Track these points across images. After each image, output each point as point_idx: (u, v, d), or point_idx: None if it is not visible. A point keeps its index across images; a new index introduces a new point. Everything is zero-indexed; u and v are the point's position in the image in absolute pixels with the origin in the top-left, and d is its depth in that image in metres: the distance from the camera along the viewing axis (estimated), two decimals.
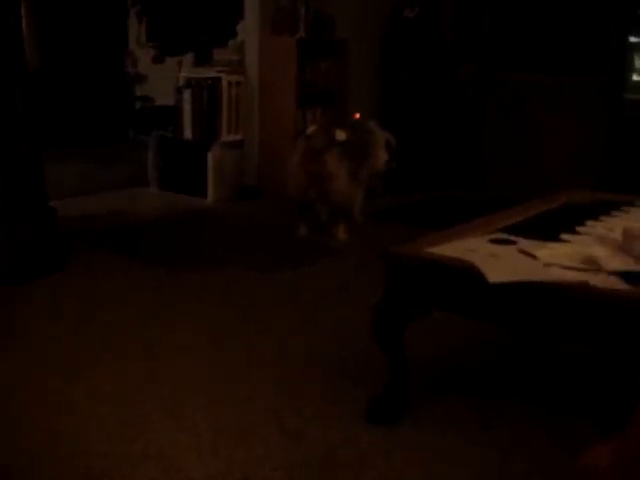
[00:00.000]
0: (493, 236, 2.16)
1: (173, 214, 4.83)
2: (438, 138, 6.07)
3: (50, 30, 8.61)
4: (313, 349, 2.66)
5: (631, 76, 5.21)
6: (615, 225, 2.35)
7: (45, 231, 3.45)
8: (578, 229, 2.28)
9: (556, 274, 1.79)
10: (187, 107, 5.19)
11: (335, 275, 3.58)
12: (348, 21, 5.48)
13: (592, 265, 1.85)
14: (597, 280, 1.75)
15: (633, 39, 5.10)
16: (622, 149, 5.16)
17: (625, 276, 1.76)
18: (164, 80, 7.10)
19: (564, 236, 2.18)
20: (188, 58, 5.64)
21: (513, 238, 2.13)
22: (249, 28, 5.15)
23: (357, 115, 5.64)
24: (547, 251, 1.99)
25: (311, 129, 4.42)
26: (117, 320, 2.91)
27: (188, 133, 5.23)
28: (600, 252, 1.99)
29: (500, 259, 1.92)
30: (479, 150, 5.74)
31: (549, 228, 2.37)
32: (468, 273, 1.81)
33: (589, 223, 2.39)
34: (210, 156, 5.11)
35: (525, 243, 2.07)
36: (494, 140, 5.63)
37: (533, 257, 1.93)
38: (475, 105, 5.80)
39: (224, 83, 5.09)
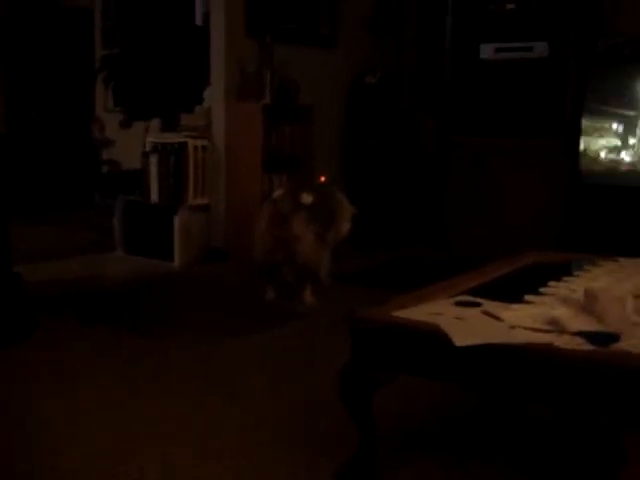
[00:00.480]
0: (458, 298, 2.18)
1: (140, 278, 4.80)
2: (402, 199, 6.16)
3: (16, 94, 8.66)
4: (281, 416, 2.63)
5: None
6: (577, 285, 2.39)
7: (9, 298, 3.41)
8: (541, 290, 2.31)
9: (521, 336, 1.81)
10: (154, 171, 5.22)
11: (303, 339, 3.57)
12: (312, 87, 5.59)
13: (556, 326, 1.88)
14: (561, 341, 1.78)
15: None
16: (581, 209, 5.26)
17: (589, 337, 1.78)
18: (131, 144, 7.14)
19: (528, 297, 2.20)
20: (155, 123, 5.69)
21: (478, 300, 2.15)
22: (215, 94, 5.23)
23: (322, 178, 5.71)
24: (511, 313, 2.01)
25: (277, 193, 4.46)
26: (83, 389, 2.86)
27: (155, 197, 5.25)
28: (563, 313, 2.02)
29: (466, 321, 1.93)
30: (442, 210, 5.82)
31: (513, 289, 2.40)
32: (434, 336, 1.82)
33: (552, 284, 2.42)
34: (177, 220, 5.12)
35: (490, 305, 2.09)
36: (457, 201, 5.72)
37: (498, 319, 1.95)
38: (437, 167, 5.90)
39: (190, 148, 5.14)
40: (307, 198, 4.20)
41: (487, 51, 5.43)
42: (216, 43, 5.17)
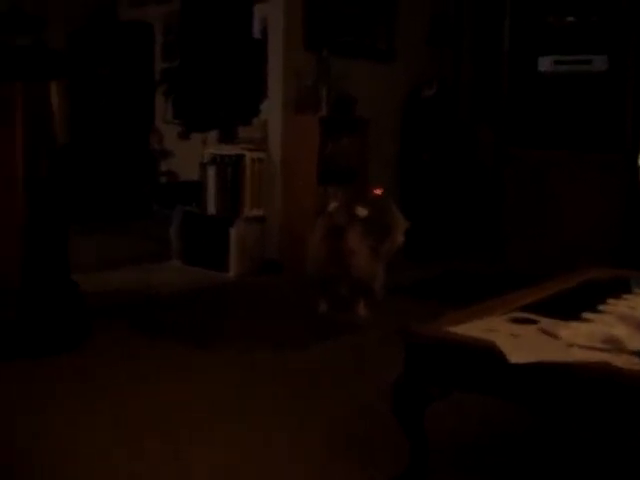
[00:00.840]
0: (514, 315, 2.16)
1: (195, 288, 4.86)
2: (458, 212, 6.13)
3: (80, 106, 8.86)
4: (334, 429, 2.63)
5: None
6: (637, 303, 2.35)
7: (68, 306, 3.49)
8: (600, 307, 2.28)
9: (578, 354, 1.79)
10: (211, 183, 5.29)
11: (356, 352, 3.57)
12: (369, 100, 5.60)
13: (614, 345, 1.85)
14: (619, 361, 1.74)
15: None
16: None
17: None
18: (189, 156, 7.24)
19: (585, 315, 2.17)
20: (213, 135, 5.77)
21: (534, 317, 2.13)
22: (273, 106, 5.28)
23: (378, 191, 5.71)
24: (569, 331, 1.98)
25: (333, 206, 4.48)
26: (135, 399, 2.90)
27: (212, 208, 5.32)
28: (622, 331, 1.98)
29: (521, 339, 1.91)
30: (499, 223, 5.75)
31: (570, 306, 2.37)
32: (489, 353, 1.81)
33: (611, 301, 2.39)
34: (233, 231, 5.18)
35: (547, 322, 2.07)
36: (514, 214, 5.65)
37: (555, 337, 1.93)
38: (494, 179, 5.85)
39: (247, 160, 5.19)
40: (362, 211, 4.21)
41: (545, 64, 5.36)
42: (274, 56, 5.23)
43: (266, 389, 3.04)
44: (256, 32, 5.62)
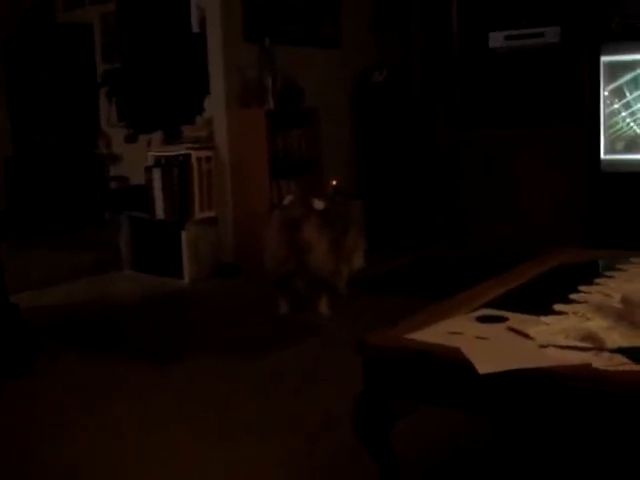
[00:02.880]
0: (480, 313, 1.97)
1: (149, 298, 4.63)
2: (417, 198, 5.95)
3: (20, 115, 8.54)
4: (297, 448, 2.42)
5: None
6: (611, 289, 2.17)
7: (6, 330, 3.24)
8: (572, 297, 2.10)
9: (553, 357, 1.60)
10: (157, 186, 5.04)
11: (320, 357, 3.36)
12: (317, 89, 5.40)
13: (593, 342, 1.66)
14: (600, 361, 1.56)
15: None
16: (604, 200, 5.03)
17: (632, 353, 1.57)
18: (138, 159, 6.99)
19: (557, 306, 1.99)
20: (157, 136, 5.52)
21: (502, 314, 1.94)
22: (216, 102, 5.04)
23: (334, 182, 5.52)
24: (541, 328, 1.80)
25: (287, 199, 4.28)
26: (94, 422, 2.68)
27: (160, 212, 5.07)
28: (599, 324, 1.80)
29: (489, 342, 1.72)
30: (460, 208, 5.59)
31: (540, 298, 2.20)
32: (455, 363, 1.61)
33: (583, 288, 2.21)
34: (184, 235, 4.94)
35: (516, 319, 1.88)
36: (473, 197, 5.49)
37: (526, 337, 1.74)
38: (452, 163, 5.68)
39: (194, 159, 4.95)
40: (319, 204, 4.01)
41: (497, 39, 5.20)
42: (214, 49, 4.98)
43: (230, 402, 2.83)
44: (194, 25, 5.37)
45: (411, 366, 1.70)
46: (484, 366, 1.56)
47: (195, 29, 5.34)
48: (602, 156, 4.97)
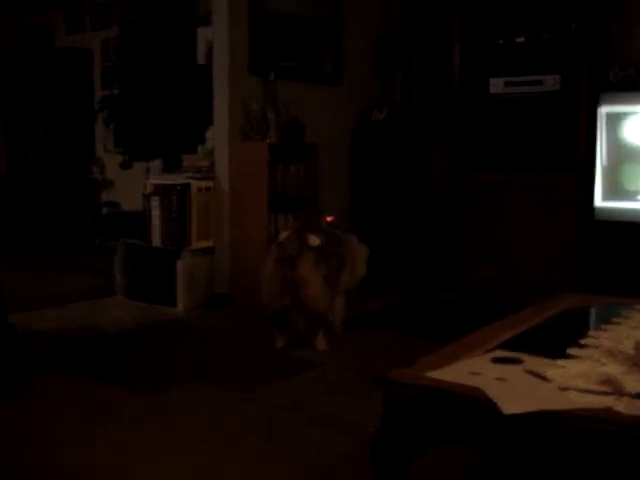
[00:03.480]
0: (496, 354, 1.99)
1: (142, 325, 4.60)
2: (412, 239, 5.99)
3: (16, 136, 8.55)
4: None
5: None
6: (621, 335, 2.20)
7: (5, 351, 3.22)
8: (583, 342, 2.13)
9: (575, 400, 1.62)
10: (156, 214, 5.05)
11: (318, 393, 3.34)
12: (318, 125, 5.45)
13: (612, 387, 1.69)
14: (621, 405, 1.58)
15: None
16: (597, 246, 5.09)
17: None
18: (131, 186, 7.01)
19: (570, 351, 2.02)
20: (156, 164, 5.55)
21: (517, 356, 1.96)
22: (219, 133, 5.07)
23: (330, 218, 5.54)
24: (558, 371, 1.82)
25: (284, 235, 4.28)
26: (85, 452, 2.65)
27: (157, 240, 5.07)
28: (615, 369, 1.83)
29: (509, 383, 1.74)
30: (454, 250, 5.64)
31: (551, 341, 2.23)
32: (477, 403, 1.63)
33: (592, 334, 2.24)
34: (180, 264, 4.94)
35: (531, 361, 1.90)
36: (468, 239, 5.54)
37: (544, 379, 1.76)
38: (448, 204, 5.74)
39: (193, 189, 4.97)
40: (315, 240, 4.02)
41: (497, 85, 5.29)
42: (219, 81, 5.03)
43: (224, 436, 2.81)
44: (200, 57, 5.42)
45: (433, 404, 1.71)
46: (508, 407, 1.58)
47: (200, 61, 5.39)
48: (596, 204, 5.04)
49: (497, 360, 1.94)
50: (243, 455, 2.62)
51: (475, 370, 1.83)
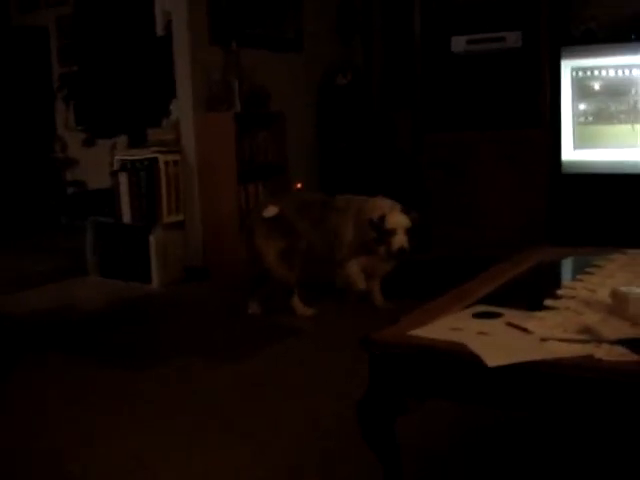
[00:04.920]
0: (476, 309, 2.02)
1: (118, 303, 4.59)
2: None
3: None
4: (292, 451, 2.44)
5: None
6: (595, 284, 2.25)
7: None
8: (559, 293, 2.16)
9: (556, 349, 1.66)
10: (124, 190, 5.00)
11: (299, 359, 3.38)
12: (283, 93, 5.43)
13: (591, 335, 1.73)
14: (601, 352, 1.62)
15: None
16: (563, 199, 5.15)
17: (630, 345, 1.63)
18: (96, 163, 6.92)
19: (548, 302, 2.05)
20: (121, 140, 5.48)
21: (497, 310, 1.99)
22: (183, 106, 5.03)
23: (299, 185, 5.55)
24: (537, 322, 1.85)
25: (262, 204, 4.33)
26: (65, 432, 2.66)
27: (127, 217, 5.03)
28: (592, 318, 1.87)
29: (491, 337, 1.78)
30: (423, 210, 5.66)
31: (528, 294, 2.26)
32: (462, 358, 1.66)
33: (567, 284, 2.28)
34: (152, 239, 4.92)
35: (511, 315, 1.94)
36: (437, 199, 5.57)
37: (525, 331, 1.79)
38: (415, 165, 5.75)
39: (161, 163, 4.93)
40: (269, 211, 4.00)
41: (458, 44, 5.29)
42: (180, 53, 4.97)
43: (210, 407, 2.83)
44: (159, 29, 5.35)
45: (417, 362, 1.74)
46: (492, 359, 1.61)
47: (160, 32, 5.31)
48: (563, 157, 5.09)
49: (477, 315, 1.97)
50: (227, 425, 2.65)
51: (457, 326, 1.86)
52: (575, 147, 5.04)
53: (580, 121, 5.00)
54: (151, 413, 2.79)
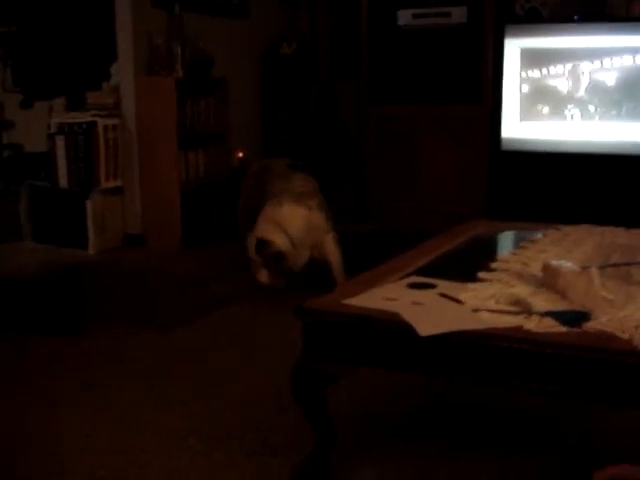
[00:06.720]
0: (410, 280, 2.04)
1: (53, 269, 4.50)
2: (324, 173, 5.99)
3: None
4: (228, 416, 2.44)
5: None
6: (528, 258, 2.29)
7: None
8: (492, 265, 2.20)
9: (487, 320, 1.68)
10: (61, 154, 4.89)
11: (237, 328, 3.37)
12: (226, 59, 5.35)
13: (521, 306, 1.76)
14: (531, 323, 1.65)
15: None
16: (503, 175, 5.21)
17: (558, 317, 1.67)
18: (33, 126, 6.74)
19: (481, 274, 2.08)
20: (59, 102, 5.34)
21: (431, 281, 2.01)
22: (123, 69, 4.92)
23: (240, 154, 5.51)
24: (470, 294, 1.88)
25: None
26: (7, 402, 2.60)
27: (64, 181, 4.92)
28: (523, 290, 1.90)
29: (424, 307, 1.79)
30: (366, 184, 5.69)
31: (462, 266, 2.29)
32: (395, 327, 1.67)
33: (501, 257, 2.32)
34: (89, 205, 4.82)
35: (444, 286, 1.96)
36: (379, 173, 5.60)
37: (458, 302, 1.82)
38: (358, 138, 5.76)
39: (100, 127, 4.82)
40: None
41: (405, 17, 5.29)
42: (122, 15, 4.85)
43: (147, 375, 2.80)
44: None
45: (352, 330, 1.74)
46: (424, 329, 1.63)
47: None
48: (503, 135, 5.15)
49: (412, 285, 1.99)
50: (160, 394, 2.63)
51: (391, 296, 1.87)
52: (515, 125, 5.10)
53: (524, 96, 5.05)
54: (79, 383, 2.75)
